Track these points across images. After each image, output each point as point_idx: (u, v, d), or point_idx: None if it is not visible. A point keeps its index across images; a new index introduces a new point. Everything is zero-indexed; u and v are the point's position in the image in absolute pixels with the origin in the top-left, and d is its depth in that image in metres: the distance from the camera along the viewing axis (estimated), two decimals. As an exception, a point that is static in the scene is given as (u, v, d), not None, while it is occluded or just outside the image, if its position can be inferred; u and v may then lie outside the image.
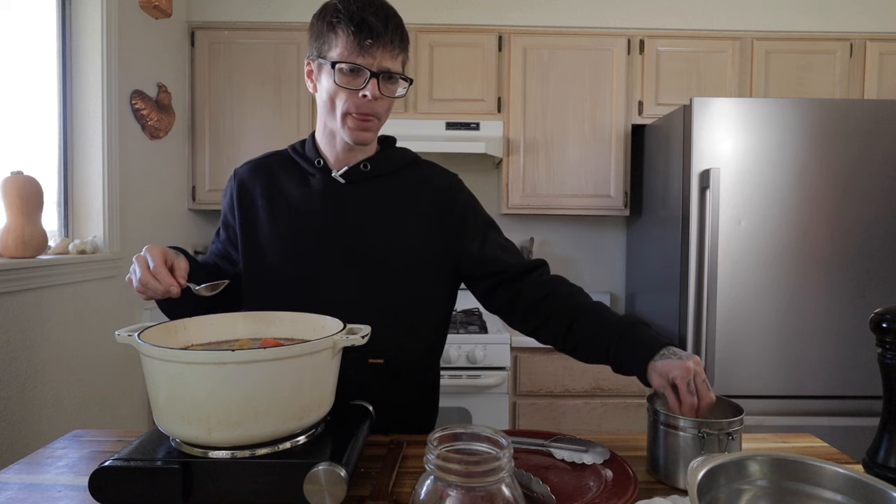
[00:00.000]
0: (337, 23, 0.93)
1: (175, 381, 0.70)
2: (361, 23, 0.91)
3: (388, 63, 0.94)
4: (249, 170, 1.09)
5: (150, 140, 2.19)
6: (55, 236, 1.87)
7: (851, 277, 1.97)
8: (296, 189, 1.04)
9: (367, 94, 0.93)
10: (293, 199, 1.04)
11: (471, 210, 1.09)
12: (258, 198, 1.06)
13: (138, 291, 0.87)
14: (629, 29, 2.47)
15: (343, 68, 0.93)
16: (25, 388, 1.56)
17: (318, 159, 1.04)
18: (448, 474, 0.51)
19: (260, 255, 1.04)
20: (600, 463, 0.85)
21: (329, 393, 0.80)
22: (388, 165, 1.06)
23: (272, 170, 1.07)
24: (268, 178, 1.07)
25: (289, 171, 1.06)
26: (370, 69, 0.93)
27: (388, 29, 0.93)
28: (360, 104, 0.95)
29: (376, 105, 0.96)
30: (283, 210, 1.04)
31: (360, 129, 0.97)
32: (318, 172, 1.04)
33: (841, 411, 1.99)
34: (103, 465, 0.69)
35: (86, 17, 1.90)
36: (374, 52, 0.92)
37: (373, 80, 0.93)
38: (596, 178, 2.47)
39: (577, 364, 2.16)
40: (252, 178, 1.07)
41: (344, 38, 0.92)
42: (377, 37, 0.92)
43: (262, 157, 1.11)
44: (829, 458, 0.91)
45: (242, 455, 0.71)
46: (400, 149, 1.10)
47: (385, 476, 0.79)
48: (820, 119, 1.95)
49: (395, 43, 0.94)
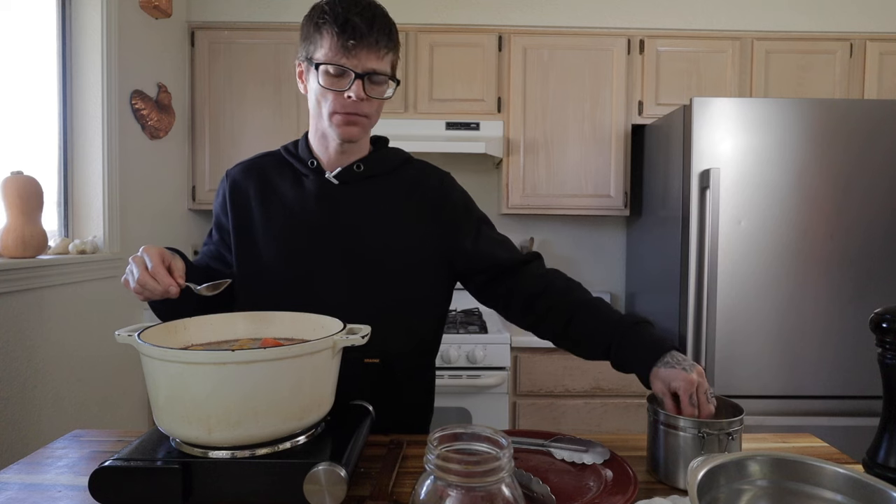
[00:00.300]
0: (322, 24, 0.94)
1: (175, 381, 0.70)
2: (345, 24, 0.92)
3: (373, 64, 0.94)
4: (242, 171, 1.09)
5: (150, 140, 2.19)
6: (55, 236, 1.87)
7: (851, 277, 1.97)
8: (290, 190, 1.05)
9: (351, 96, 0.94)
10: (287, 199, 1.04)
11: (463, 207, 1.09)
12: (252, 199, 1.06)
13: (136, 293, 0.87)
14: (629, 29, 2.47)
15: (327, 70, 0.94)
16: (25, 388, 1.57)
17: (311, 160, 1.04)
18: (448, 474, 0.51)
19: (255, 256, 1.04)
20: (600, 463, 0.85)
21: (329, 393, 0.80)
22: (382, 166, 1.06)
23: (265, 171, 1.07)
24: (261, 178, 1.07)
25: (282, 172, 1.07)
26: (355, 70, 0.93)
27: (372, 30, 0.93)
28: (346, 105, 0.95)
29: (362, 106, 0.96)
30: (277, 211, 1.04)
31: (347, 124, 0.97)
32: (311, 173, 1.04)
33: (841, 411, 1.99)
34: (103, 465, 0.69)
35: (86, 17, 1.90)
36: (358, 54, 0.93)
37: (357, 82, 0.94)
38: (596, 178, 2.47)
39: (578, 364, 2.16)
40: (245, 179, 1.07)
41: (329, 39, 0.93)
42: (361, 38, 0.92)
43: (255, 158, 1.11)
44: (829, 458, 0.91)
45: (242, 455, 0.71)
46: (392, 149, 1.11)
47: (385, 476, 0.79)
48: (820, 119, 1.95)
49: (380, 44, 0.94)
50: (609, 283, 2.85)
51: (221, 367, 0.68)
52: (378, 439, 0.94)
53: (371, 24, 0.93)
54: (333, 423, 0.83)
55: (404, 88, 2.43)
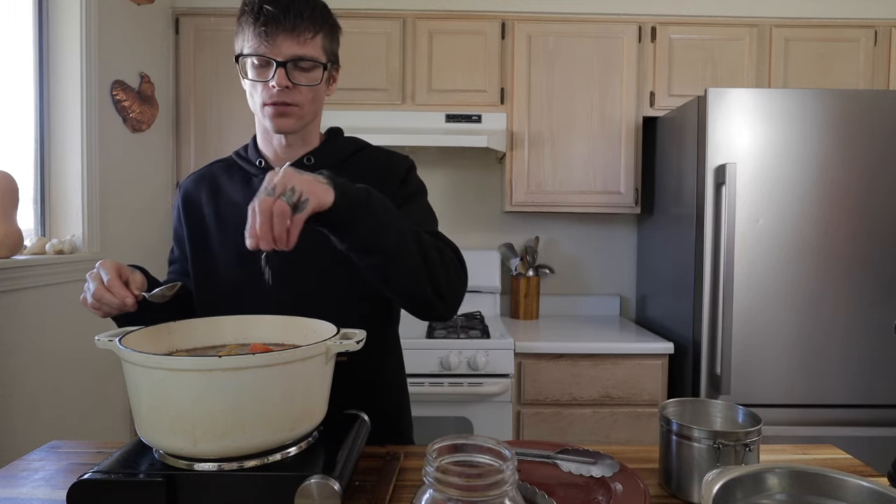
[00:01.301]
0: (242, 16, 0.98)
1: (158, 388, 0.70)
2: (259, 12, 0.95)
3: (294, 50, 0.96)
4: (193, 181, 1.14)
5: (131, 133, 2.19)
6: (31, 235, 1.87)
7: (875, 279, 1.97)
8: (239, 192, 1.08)
9: (273, 85, 0.96)
10: (237, 201, 1.07)
11: (406, 181, 1.09)
12: (203, 206, 1.10)
13: (93, 308, 0.90)
14: (640, 15, 2.47)
15: (253, 62, 0.97)
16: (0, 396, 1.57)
17: (259, 160, 1.08)
18: (448, 488, 0.51)
19: (210, 260, 1.08)
20: (609, 476, 0.85)
21: (322, 401, 0.80)
22: (332, 156, 1.08)
23: (215, 177, 1.12)
24: (211, 185, 1.11)
25: (231, 176, 1.11)
26: (275, 59, 0.95)
27: (288, 14, 0.95)
28: (272, 95, 0.97)
29: (292, 94, 0.98)
30: (228, 213, 1.07)
31: (278, 115, 1.00)
32: (260, 172, 1.08)
33: (865, 421, 1.99)
34: (82, 479, 0.69)
35: (64, 2, 1.90)
36: (275, 41, 0.95)
37: (280, 70, 0.96)
38: (605, 173, 2.47)
39: (585, 371, 2.17)
40: (196, 189, 1.12)
41: (248, 29, 0.96)
42: (276, 24, 0.94)
43: (206, 167, 1.16)
44: (851, 470, 0.91)
45: (230, 468, 0.71)
46: (347, 138, 1.13)
47: (381, 489, 0.79)
48: (842, 111, 1.95)
49: (299, 28, 0.96)
50: (619, 285, 2.85)
51: (207, 375, 0.68)
52: (374, 450, 0.95)
53: (287, 9, 0.95)
54: (326, 434, 0.83)
55: (402, 79, 2.43)
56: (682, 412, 0.90)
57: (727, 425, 0.88)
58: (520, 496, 0.54)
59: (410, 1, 2.45)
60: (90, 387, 1.95)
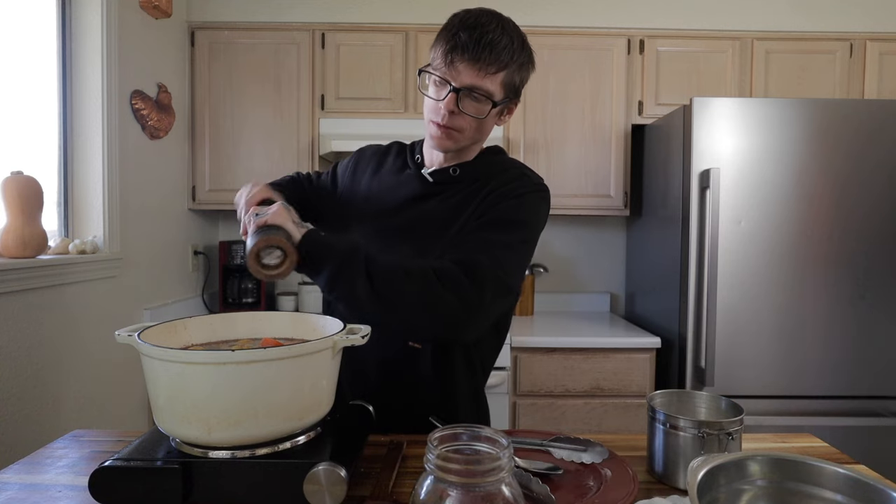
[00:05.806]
0: (442, 31, 0.97)
1: (175, 381, 0.70)
2: (454, 37, 0.94)
3: (471, 80, 0.94)
4: (374, 150, 1.19)
5: (150, 140, 2.19)
6: (55, 236, 1.87)
7: (850, 276, 1.97)
8: (391, 177, 1.11)
9: (441, 107, 0.96)
10: (386, 180, 1.11)
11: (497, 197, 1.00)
12: (364, 173, 1.15)
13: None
14: (629, 29, 2.47)
15: (433, 78, 0.97)
16: (25, 389, 1.56)
17: (417, 156, 1.11)
18: (448, 474, 0.51)
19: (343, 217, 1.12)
20: (599, 462, 0.85)
21: (329, 393, 0.80)
22: (475, 173, 1.06)
23: (386, 156, 1.16)
24: (380, 161, 1.16)
25: (396, 160, 1.14)
26: (452, 83, 0.94)
27: (478, 46, 0.92)
28: (441, 116, 0.97)
29: (457, 120, 0.97)
30: (373, 190, 1.11)
31: (440, 136, 1.00)
32: (414, 167, 1.10)
33: (841, 411, 1.99)
34: (103, 465, 0.69)
35: (86, 17, 1.90)
36: (457, 67, 0.94)
37: (452, 95, 0.95)
38: (596, 178, 2.47)
39: (577, 364, 2.16)
40: (370, 157, 1.17)
41: (440, 48, 0.96)
42: (464, 52, 0.93)
43: (389, 144, 1.20)
44: (829, 457, 0.91)
45: (242, 455, 0.71)
46: (496, 158, 1.09)
47: (385, 476, 0.79)
48: (820, 119, 1.95)
49: (483, 61, 0.93)
50: (609, 284, 2.85)
51: (221, 367, 0.68)
52: (378, 439, 0.95)
53: (479, 40, 0.93)
54: (333, 424, 0.83)
55: (404, 89, 2.43)
56: (668, 403, 0.90)
57: (711, 415, 0.88)
58: (516, 482, 0.54)
59: (412, 16, 2.45)
60: (110, 379, 1.95)
